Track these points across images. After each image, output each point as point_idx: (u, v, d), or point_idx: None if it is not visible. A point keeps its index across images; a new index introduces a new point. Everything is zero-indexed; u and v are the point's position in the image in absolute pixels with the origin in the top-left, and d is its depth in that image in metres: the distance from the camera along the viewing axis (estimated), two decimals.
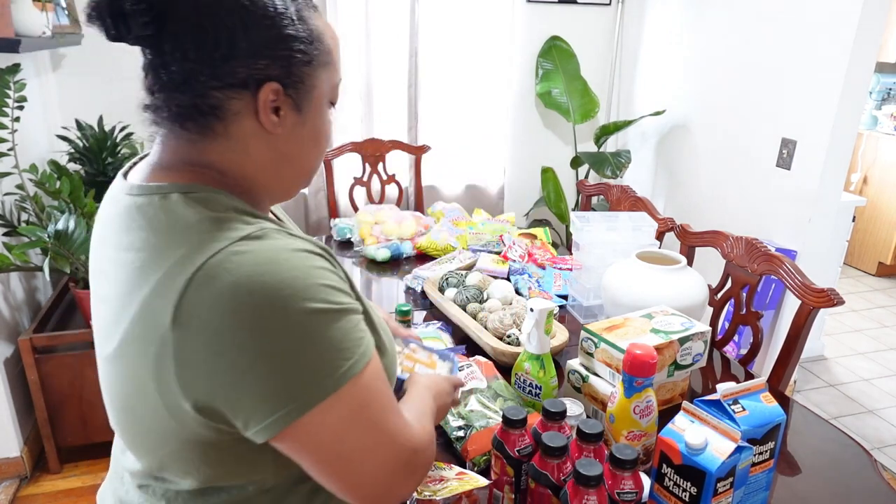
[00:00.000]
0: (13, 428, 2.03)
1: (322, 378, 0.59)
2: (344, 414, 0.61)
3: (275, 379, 0.57)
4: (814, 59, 2.18)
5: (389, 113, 3.02)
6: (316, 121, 0.69)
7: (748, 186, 2.51)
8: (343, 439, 0.61)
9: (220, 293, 0.56)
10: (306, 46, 0.65)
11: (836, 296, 1.36)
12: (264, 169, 0.68)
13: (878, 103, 4.31)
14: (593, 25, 3.19)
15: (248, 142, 0.66)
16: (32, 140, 2.27)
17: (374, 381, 0.64)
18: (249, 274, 0.57)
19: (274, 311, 0.57)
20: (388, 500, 0.67)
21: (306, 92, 0.67)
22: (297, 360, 0.58)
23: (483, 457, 1.02)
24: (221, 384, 0.58)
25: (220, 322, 0.56)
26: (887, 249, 3.96)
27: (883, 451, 2.43)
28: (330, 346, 0.59)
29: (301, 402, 0.58)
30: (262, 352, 0.57)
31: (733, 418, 0.86)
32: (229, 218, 0.62)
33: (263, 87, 0.63)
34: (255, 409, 0.58)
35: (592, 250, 1.61)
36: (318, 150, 0.72)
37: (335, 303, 0.61)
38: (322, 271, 0.62)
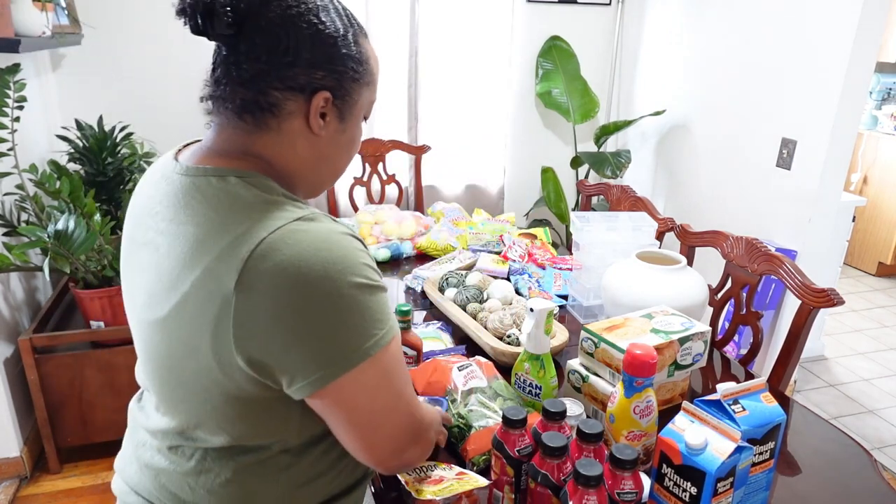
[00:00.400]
0: (13, 428, 2.03)
1: (362, 343, 0.69)
2: (374, 377, 0.71)
3: (323, 342, 0.67)
4: (814, 59, 2.18)
5: (389, 113, 3.02)
6: (353, 130, 0.81)
7: (748, 186, 2.51)
8: (372, 399, 0.72)
9: (282, 264, 0.65)
10: (357, 66, 0.76)
11: (836, 296, 1.36)
12: (305, 164, 0.78)
13: (878, 103, 4.31)
14: (593, 25, 3.19)
15: (296, 139, 0.75)
16: (32, 140, 2.27)
17: (399, 353, 0.75)
18: (306, 250, 0.66)
19: (327, 284, 0.66)
20: (395, 462, 0.78)
21: (351, 104, 0.78)
22: (343, 326, 0.68)
23: (482, 456, 1.02)
24: (276, 343, 0.66)
25: (279, 290, 0.65)
26: (887, 249, 3.96)
27: (883, 451, 2.43)
28: (370, 317, 0.69)
29: (342, 364, 0.68)
30: (315, 318, 0.66)
31: (733, 418, 0.86)
32: (283, 201, 0.71)
33: (317, 94, 0.73)
34: (302, 368, 0.68)
35: (592, 250, 1.61)
36: (350, 155, 0.83)
37: (374, 280, 0.71)
38: (362, 253, 0.72)
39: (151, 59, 2.65)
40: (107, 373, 2.04)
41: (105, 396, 2.06)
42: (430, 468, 0.96)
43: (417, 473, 0.94)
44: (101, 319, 2.03)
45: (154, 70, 2.66)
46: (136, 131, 2.45)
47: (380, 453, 0.75)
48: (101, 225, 1.94)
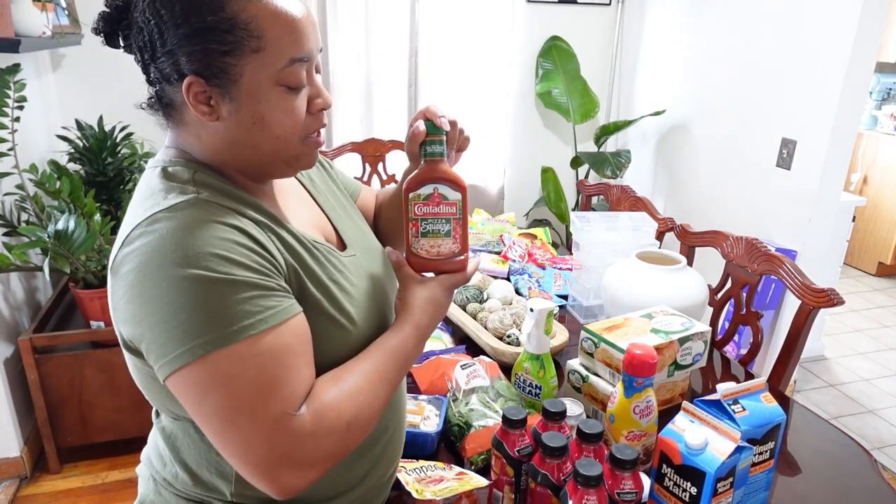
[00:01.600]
0: (13, 428, 2.03)
1: (187, 342, 0.63)
2: (209, 377, 0.64)
3: (160, 331, 0.65)
4: (814, 59, 2.18)
5: (389, 113, 3.02)
6: (255, 107, 0.70)
7: (748, 186, 2.50)
8: (204, 401, 0.65)
9: (134, 251, 0.67)
10: (221, 37, 0.66)
11: (836, 296, 1.36)
12: (220, 152, 0.74)
13: (878, 103, 4.31)
14: (593, 25, 3.19)
15: (199, 129, 0.73)
16: (32, 140, 2.27)
17: (256, 356, 0.65)
18: (156, 238, 0.66)
19: (162, 272, 0.64)
20: (271, 484, 0.66)
21: (232, 81, 0.69)
22: (176, 318, 0.64)
23: (481, 456, 1.02)
24: (132, 327, 0.67)
25: (127, 276, 0.67)
26: (887, 249, 3.96)
27: (883, 451, 2.43)
28: (205, 311, 0.64)
29: (175, 357, 0.64)
30: (152, 308, 0.65)
31: (733, 418, 0.86)
32: (175, 190, 0.70)
33: (184, 81, 0.68)
34: (150, 353, 0.67)
35: (592, 250, 1.61)
36: (270, 134, 0.72)
37: (220, 272, 0.65)
38: (223, 242, 0.66)
39: None
40: (107, 373, 2.04)
41: (105, 396, 2.06)
42: (430, 468, 0.96)
43: (417, 474, 0.94)
44: (101, 319, 2.03)
45: None
46: (136, 131, 2.45)
47: (239, 466, 0.66)
48: (101, 225, 1.94)
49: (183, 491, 0.81)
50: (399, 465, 0.96)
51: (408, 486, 0.89)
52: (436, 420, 1.07)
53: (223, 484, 0.78)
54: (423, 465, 0.97)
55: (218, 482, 0.78)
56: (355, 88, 2.93)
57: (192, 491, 0.80)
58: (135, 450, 2.15)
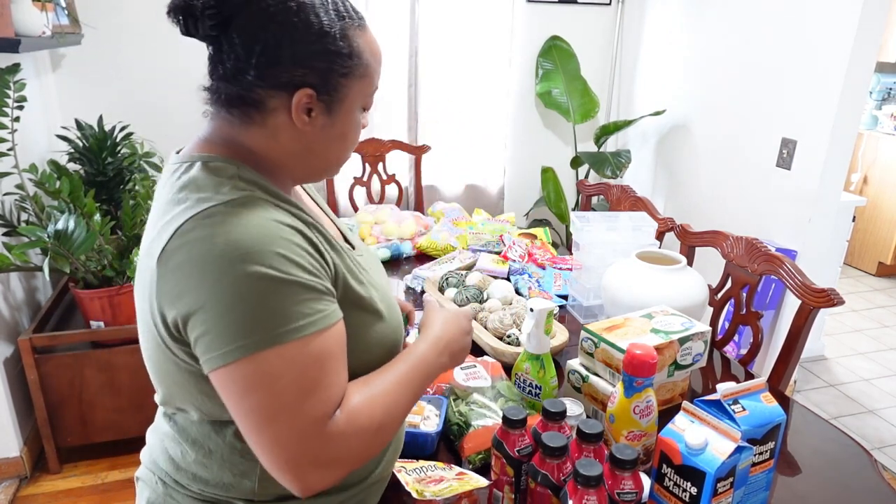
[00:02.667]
0: (13, 428, 2.03)
1: (241, 338, 0.65)
2: (251, 377, 0.66)
3: (213, 324, 0.65)
4: (814, 59, 2.18)
5: (389, 113, 3.02)
6: (345, 124, 0.78)
7: (748, 186, 2.50)
8: (245, 400, 0.66)
9: (191, 243, 0.67)
10: (344, 61, 0.74)
11: (836, 296, 1.36)
12: (292, 157, 0.78)
13: (878, 103, 4.31)
14: (593, 25, 3.19)
15: (280, 133, 0.76)
16: (32, 140, 2.27)
17: (303, 357, 0.67)
18: (215, 232, 0.66)
19: (223, 266, 0.65)
20: (298, 482, 0.68)
21: (339, 99, 0.76)
22: (229, 314, 0.65)
23: (479, 455, 1.02)
24: (183, 317, 0.67)
25: (187, 266, 0.67)
26: (887, 249, 3.96)
27: (883, 451, 2.43)
28: (262, 310, 0.65)
29: (228, 351, 0.65)
30: (208, 299, 0.65)
31: (733, 418, 0.86)
32: (227, 184, 0.72)
33: (299, 91, 0.73)
34: (201, 346, 0.67)
35: (592, 250, 1.61)
36: (344, 147, 0.81)
37: (282, 272, 0.67)
38: (285, 242, 0.69)
39: (151, 59, 2.65)
40: (107, 373, 2.04)
41: (105, 396, 2.06)
42: (430, 468, 0.96)
43: (417, 474, 0.94)
44: (101, 319, 2.03)
45: (154, 70, 2.66)
46: (136, 131, 2.45)
47: (271, 462, 0.67)
48: (101, 225, 1.94)
49: (199, 493, 0.81)
50: (399, 465, 0.96)
51: (408, 486, 0.89)
52: (436, 420, 1.08)
53: (246, 483, 0.79)
54: (423, 465, 0.97)
55: (241, 482, 0.79)
56: None
57: (211, 492, 0.80)
58: (134, 450, 2.15)
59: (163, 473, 0.84)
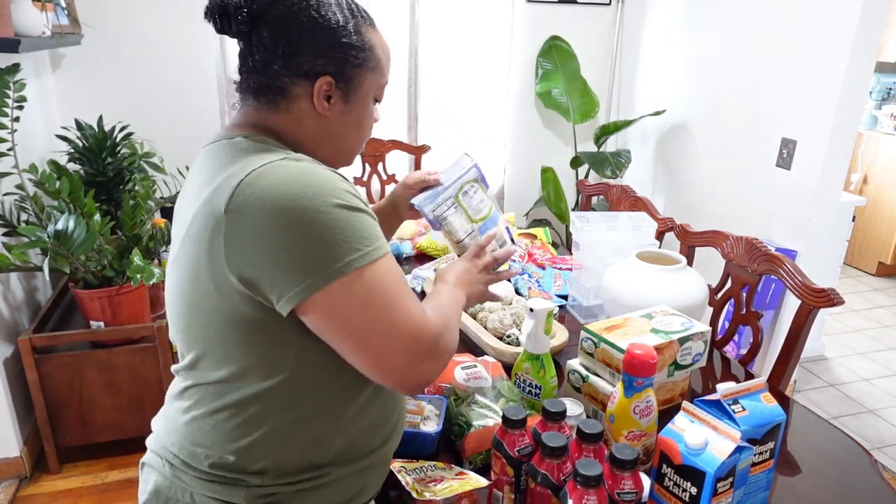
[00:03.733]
0: (13, 428, 2.03)
1: (343, 257, 0.72)
2: (361, 292, 0.74)
3: (304, 255, 0.71)
4: (814, 59, 2.18)
5: (389, 113, 3.02)
6: (360, 111, 0.89)
7: (748, 186, 2.50)
8: (361, 315, 0.74)
9: (264, 188, 0.73)
10: (358, 53, 0.84)
11: (836, 296, 1.36)
12: (313, 140, 0.86)
13: (878, 103, 4.31)
14: (593, 25, 3.19)
15: (303, 117, 0.85)
16: (32, 140, 2.27)
17: (389, 272, 0.77)
18: (286, 178, 0.73)
19: (304, 202, 0.72)
20: (411, 379, 0.78)
21: (355, 87, 0.86)
22: (322, 241, 0.72)
23: (479, 455, 1.02)
24: (261, 259, 0.72)
25: (261, 210, 0.72)
26: (887, 249, 3.96)
27: (883, 451, 2.43)
28: (350, 234, 0.73)
29: (323, 276, 0.72)
30: (294, 234, 0.71)
31: (733, 418, 0.86)
32: (277, 149, 0.80)
33: (319, 79, 0.82)
34: (286, 280, 0.72)
35: (592, 250, 1.61)
36: (360, 135, 0.91)
37: (354, 202, 0.75)
38: (343, 181, 0.78)
39: (151, 59, 2.65)
40: (107, 373, 2.04)
41: (105, 396, 2.06)
42: (430, 468, 0.96)
43: (417, 474, 0.94)
44: (101, 319, 2.03)
45: (154, 70, 2.66)
46: (136, 131, 2.44)
47: (388, 370, 0.77)
48: (101, 225, 1.94)
49: (207, 472, 0.82)
50: (399, 465, 0.96)
51: (408, 486, 0.89)
52: (436, 420, 1.07)
53: (258, 452, 0.81)
54: (423, 465, 0.97)
55: (250, 454, 0.81)
56: None
57: (219, 472, 0.81)
58: (134, 450, 2.16)
59: (171, 456, 0.85)
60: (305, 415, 0.81)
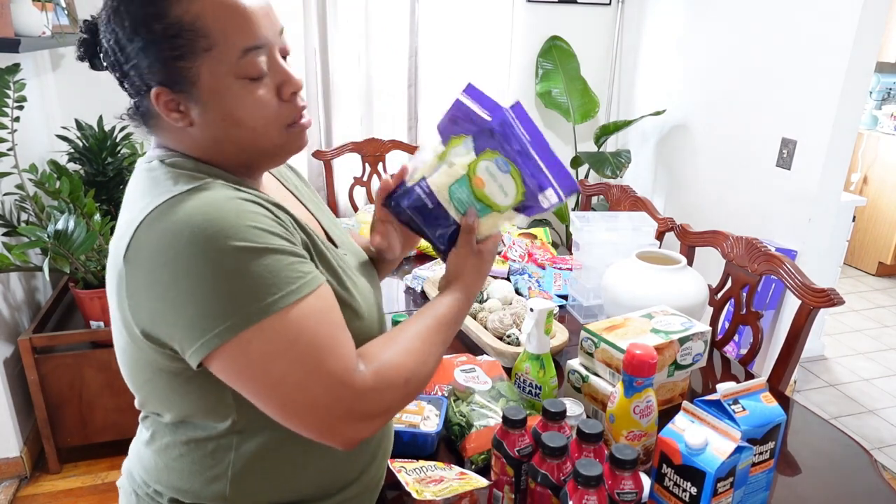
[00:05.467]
0: (13, 428, 2.03)
1: (243, 308, 0.64)
2: (268, 344, 0.65)
3: (202, 306, 0.64)
4: (814, 59, 2.18)
5: (389, 113, 3.02)
6: (222, 105, 0.71)
7: (748, 186, 2.50)
8: (268, 369, 0.66)
9: (157, 233, 0.66)
10: (173, 41, 0.68)
11: (836, 296, 1.36)
12: (207, 152, 0.75)
13: (878, 103, 4.31)
14: (593, 25, 3.19)
15: (181, 133, 0.75)
16: (32, 140, 2.27)
17: (308, 320, 0.67)
18: (181, 218, 0.65)
19: (199, 247, 0.64)
20: (335, 438, 0.69)
21: (192, 84, 0.70)
22: (221, 290, 0.64)
23: (481, 455, 1.02)
24: (159, 311, 0.66)
25: (157, 256, 0.65)
26: (887, 249, 3.96)
27: (883, 451, 2.43)
28: (252, 280, 0.65)
29: (224, 329, 0.64)
30: (190, 282, 0.64)
31: (733, 418, 0.86)
32: (185, 175, 0.71)
33: (150, 94, 0.71)
34: (186, 334, 0.65)
35: (592, 250, 1.61)
36: (246, 127, 0.73)
37: (260, 242, 0.66)
38: (253, 215, 0.68)
39: None
40: (107, 373, 2.04)
41: (105, 396, 2.06)
42: (430, 468, 0.96)
43: (417, 474, 0.94)
44: (101, 319, 2.03)
45: None
46: (136, 131, 2.44)
47: (307, 425, 0.68)
48: (101, 225, 1.94)
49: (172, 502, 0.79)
50: (399, 465, 0.96)
51: (408, 486, 0.89)
52: (436, 420, 1.07)
53: (217, 488, 0.77)
54: (423, 465, 0.97)
55: (211, 487, 0.77)
56: (355, 88, 2.93)
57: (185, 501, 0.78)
58: None
59: (136, 485, 0.82)
60: (263, 453, 0.76)
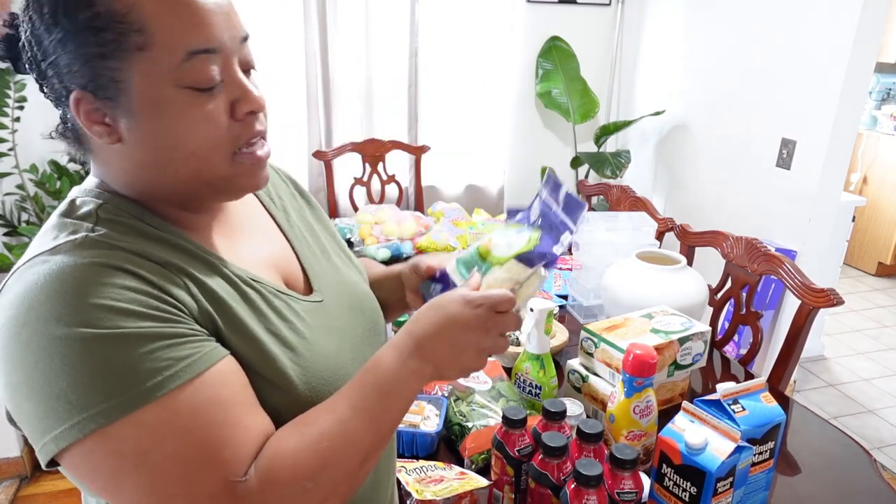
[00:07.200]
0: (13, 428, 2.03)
1: (80, 412, 0.51)
2: (108, 459, 0.52)
3: (35, 405, 0.52)
4: (814, 59, 2.18)
5: (389, 113, 3.02)
6: (159, 119, 0.57)
7: (748, 186, 2.51)
8: (118, 485, 0.53)
9: (6, 303, 0.55)
10: (99, 36, 0.53)
11: (836, 296, 1.36)
12: (134, 179, 0.61)
13: (878, 103, 4.31)
14: (593, 25, 3.19)
15: (106, 154, 0.61)
16: (33, 140, 2.27)
17: (169, 422, 0.53)
18: (28, 289, 0.54)
19: (30, 331, 0.52)
20: None
21: (121, 90, 0.55)
22: (55, 387, 0.51)
23: (481, 455, 1.02)
24: (6, 397, 0.55)
25: (1, 331, 0.54)
26: (887, 249, 3.96)
27: (883, 451, 2.43)
28: (89, 378, 0.51)
29: (56, 436, 0.52)
30: (25, 374, 0.52)
31: (733, 418, 0.86)
32: (70, 227, 0.58)
33: (70, 98, 0.56)
34: (27, 432, 0.55)
35: (592, 250, 1.61)
36: (183, 149, 0.58)
37: (107, 327, 0.52)
38: (109, 289, 0.54)
39: None
40: None
41: None
42: (430, 468, 0.96)
43: (417, 474, 0.94)
44: None
45: None
46: None
47: None
48: None
49: None
50: (399, 465, 0.96)
51: (408, 486, 0.89)
52: (436, 420, 1.08)
53: None
54: (423, 465, 0.97)
55: None
56: (355, 88, 2.93)
57: None
58: None
59: None
60: None
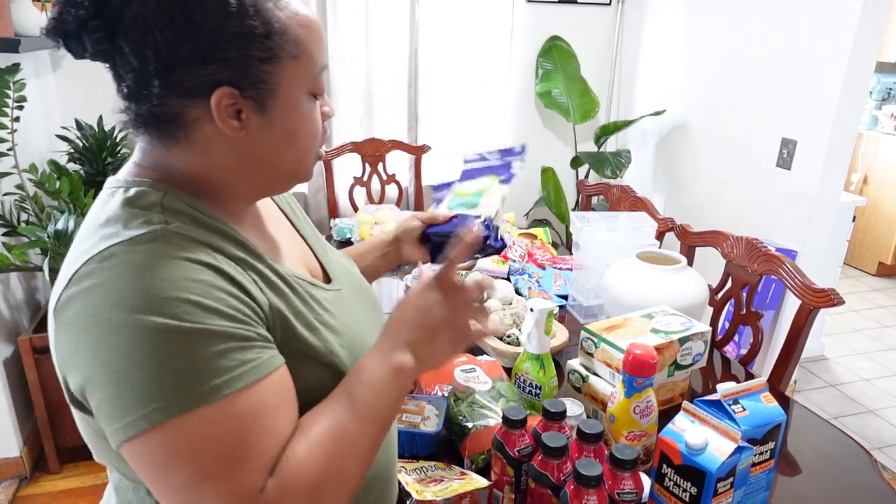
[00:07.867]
0: (13, 428, 2.03)
1: (155, 401, 0.54)
2: (167, 450, 0.55)
3: (113, 391, 0.55)
4: (814, 59, 2.18)
5: (389, 113, 3.02)
6: (288, 119, 0.65)
7: (748, 186, 2.50)
8: (162, 477, 0.57)
9: (85, 291, 0.57)
10: (261, 43, 0.60)
11: (836, 296, 1.36)
12: (230, 171, 0.66)
13: (878, 103, 4.31)
14: (593, 25, 3.19)
15: (211, 147, 0.64)
16: (32, 140, 2.27)
17: (227, 422, 0.57)
18: (111, 279, 0.56)
19: (118, 321, 0.55)
20: None
21: (269, 91, 0.63)
22: (133, 377, 0.54)
23: (481, 455, 1.02)
24: (79, 381, 0.58)
25: (78, 321, 0.57)
26: (887, 249, 3.96)
27: (883, 451, 2.43)
28: (170, 370, 0.55)
29: (131, 422, 0.55)
30: (105, 362, 0.55)
31: (733, 418, 0.86)
32: (140, 217, 0.61)
33: (215, 93, 0.60)
34: (102, 415, 0.57)
35: (592, 250, 1.61)
36: (297, 148, 0.67)
37: (193, 322, 0.56)
38: (197, 284, 0.57)
39: None
40: None
41: None
42: (430, 468, 0.96)
43: (417, 474, 0.94)
44: None
45: None
46: None
47: None
48: None
49: None
50: (399, 465, 0.96)
51: (408, 486, 0.89)
52: (436, 420, 1.07)
53: None
54: (423, 466, 0.97)
55: None
56: (355, 88, 2.93)
57: None
58: None
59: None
60: None
